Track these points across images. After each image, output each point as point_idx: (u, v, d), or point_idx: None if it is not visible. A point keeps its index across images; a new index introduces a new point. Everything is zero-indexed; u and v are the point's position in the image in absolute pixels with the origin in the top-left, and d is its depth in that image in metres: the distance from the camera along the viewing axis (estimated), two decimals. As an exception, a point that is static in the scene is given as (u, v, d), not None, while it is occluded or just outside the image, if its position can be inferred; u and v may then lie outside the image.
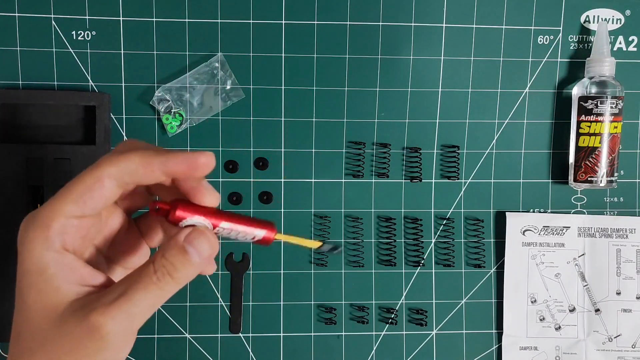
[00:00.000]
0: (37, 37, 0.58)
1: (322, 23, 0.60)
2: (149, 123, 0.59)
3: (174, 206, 0.34)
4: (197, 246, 0.33)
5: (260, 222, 0.36)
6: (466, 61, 0.61)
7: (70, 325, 0.32)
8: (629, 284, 0.63)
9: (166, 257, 0.33)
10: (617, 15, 0.62)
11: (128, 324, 0.32)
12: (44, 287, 0.32)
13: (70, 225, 0.33)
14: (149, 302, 0.33)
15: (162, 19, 0.58)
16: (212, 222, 0.34)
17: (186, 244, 0.33)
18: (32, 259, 0.33)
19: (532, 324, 0.62)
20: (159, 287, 0.33)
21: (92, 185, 0.33)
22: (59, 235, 0.33)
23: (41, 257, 0.32)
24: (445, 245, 0.62)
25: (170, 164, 0.33)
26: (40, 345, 0.32)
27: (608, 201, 0.63)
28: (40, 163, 0.56)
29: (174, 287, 0.33)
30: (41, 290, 0.32)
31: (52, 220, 0.33)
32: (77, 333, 0.32)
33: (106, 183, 0.33)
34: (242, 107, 0.60)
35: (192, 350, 0.60)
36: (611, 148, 0.60)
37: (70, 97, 0.57)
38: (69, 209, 0.33)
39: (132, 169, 0.33)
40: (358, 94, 0.60)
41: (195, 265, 0.33)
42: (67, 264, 0.33)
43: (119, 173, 0.33)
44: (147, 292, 0.33)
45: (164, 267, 0.33)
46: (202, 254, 0.33)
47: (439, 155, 0.62)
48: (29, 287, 0.33)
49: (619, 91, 0.59)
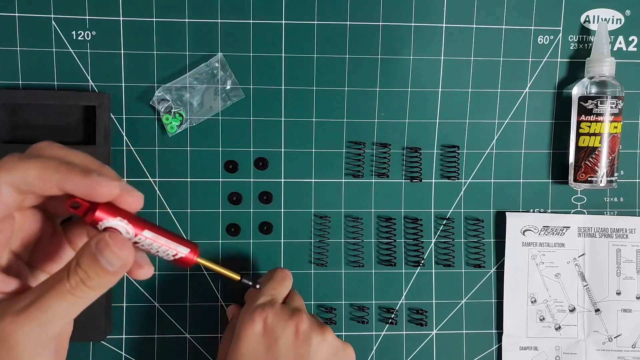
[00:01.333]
0: (37, 37, 0.58)
1: (322, 23, 0.60)
2: (149, 123, 0.59)
3: (93, 206, 0.31)
4: (107, 257, 0.31)
5: (184, 241, 0.34)
6: (466, 61, 0.61)
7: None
8: (629, 284, 0.63)
9: (79, 264, 0.31)
10: (617, 15, 0.62)
11: (39, 333, 0.30)
12: None
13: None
14: (63, 310, 0.31)
15: (162, 19, 0.58)
16: (134, 229, 0.32)
17: (97, 253, 0.31)
18: None
19: (532, 324, 0.62)
20: (73, 295, 0.31)
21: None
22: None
23: None
24: (445, 245, 0.62)
25: (67, 186, 0.31)
26: None
27: (608, 201, 0.63)
28: (40, 163, 0.56)
29: (90, 294, 0.31)
30: None
31: None
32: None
33: (2, 190, 0.31)
34: (242, 107, 0.60)
35: (192, 350, 0.60)
36: (611, 148, 0.60)
37: (70, 97, 0.57)
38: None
39: (28, 180, 0.31)
40: (358, 94, 0.60)
41: (111, 274, 0.31)
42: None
43: (16, 181, 0.31)
44: (61, 300, 0.30)
45: (77, 275, 0.31)
46: (113, 264, 0.31)
47: (439, 155, 0.62)
48: None
49: (619, 91, 0.59)
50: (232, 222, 0.60)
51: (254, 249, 0.61)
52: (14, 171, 0.31)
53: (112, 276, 0.31)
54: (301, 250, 0.61)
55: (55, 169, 0.31)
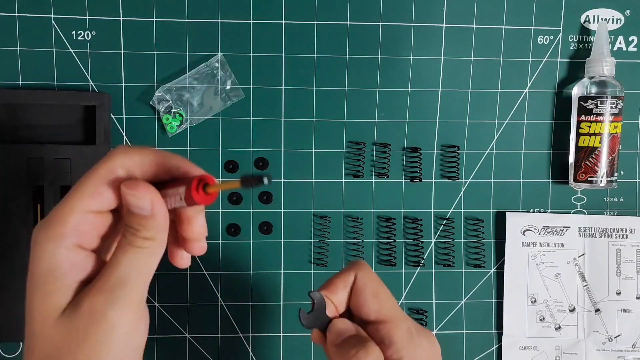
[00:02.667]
0: (37, 37, 0.58)
1: (322, 23, 0.60)
2: (149, 123, 0.59)
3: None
4: (135, 204, 0.32)
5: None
6: (466, 61, 0.61)
7: (72, 321, 0.31)
8: (629, 284, 0.63)
9: (126, 222, 0.33)
10: (617, 15, 0.62)
11: (125, 297, 0.31)
12: (52, 289, 0.31)
13: (87, 222, 0.32)
14: (133, 264, 0.32)
15: (162, 19, 0.58)
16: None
17: (128, 207, 0.32)
18: (43, 259, 0.31)
19: (532, 324, 0.62)
20: (137, 247, 0.32)
21: (106, 176, 0.32)
22: (74, 231, 0.32)
23: (53, 256, 0.31)
24: (445, 245, 0.62)
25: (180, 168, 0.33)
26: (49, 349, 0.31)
27: (608, 201, 0.63)
28: (41, 163, 0.56)
29: (148, 243, 0.32)
30: (49, 292, 0.31)
31: (68, 215, 0.32)
32: (79, 326, 0.31)
33: (120, 174, 0.32)
34: (242, 107, 0.60)
35: (192, 350, 0.60)
36: (611, 148, 0.60)
37: (70, 97, 0.57)
38: (84, 204, 0.32)
39: (145, 163, 0.33)
40: (358, 94, 0.60)
41: (149, 217, 0.32)
42: (78, 263, 0.32)
43: (132, 165, 0.33)
44: (126, 254, 0.32)
45: (128, 231, 0.32)
46: (144, 207, 0.32)
47: (439, 155, 0.62)
48: (37, 288, 0.32)
49: (619, 91, 0.59)
50: (232, 222, 0.60)
51: (254, 249, 0.61)
52: (132, 155, 0.33)
53: (152, 219, 0.32)
54: (301, 250, 0.61)
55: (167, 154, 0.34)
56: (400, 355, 0.38)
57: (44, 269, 0.31)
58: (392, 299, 0.40)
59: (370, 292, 0.40)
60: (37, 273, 0.32)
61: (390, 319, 0.39)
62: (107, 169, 0.33)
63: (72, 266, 0.32)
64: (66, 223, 0.32)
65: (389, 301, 0.40)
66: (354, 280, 0.41)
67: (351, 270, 0.41)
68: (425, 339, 0.39)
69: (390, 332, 0.38)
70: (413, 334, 0.39)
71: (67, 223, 0.32)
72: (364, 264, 0.42)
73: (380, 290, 0.40)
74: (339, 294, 0.41)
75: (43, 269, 0.31)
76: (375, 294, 0.40)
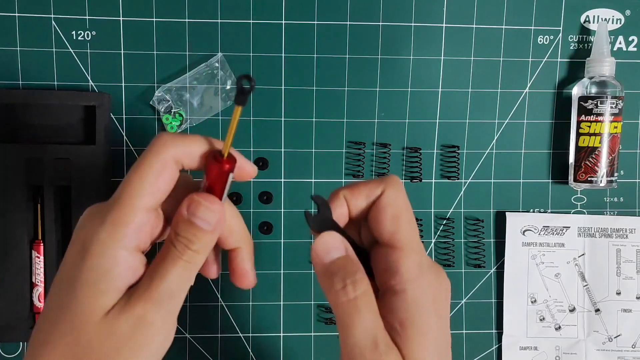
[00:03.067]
0: (37, 37, 0.58)
1: (322, 23, 0.59)
2: (149, 123, 0.59)
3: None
4: (203, 215, 0.32)
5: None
6: (466, 61, 0.61)
7: (117, 323, 0.31)
8: (629, 284, 0.63)
9: (178, 232, 0.32)
10: (617, 15, 0.62)
11: (169, 306, 0.32)
12: (105, 289, 0.31)
13: (147, 222, 0.32)
14: (180, 277, 0.32)
15: (162, 19, 0.58)
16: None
17: (191, 217, 0.32)
18: (103, 257, 0.31)
19: (532, 324, 0.62)
20: (185, 261, 0.32)
21: (161, 170, 0.32)
22: (136, 232, 0.31)
23: (114, 257, 0.31)
24: (445, 245, 0.62)
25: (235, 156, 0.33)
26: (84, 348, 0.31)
27: (608, 201, 0.63)
28: (40, 163, 0.56)
29: (197, 257, 0.33)
30: (101, 292, 0.31)
31: (132, 216, 0.31)
32: (124, 329, 0.31)
33: (172, 165, 0.32)
34: (242, 107, 0.60)
35: (192, 350, 0.60)
36: (611, 148, 0.59)
37: (70, 97, 0.57)
38: (146, 201, 0.31)
39: (194, 154, 0.32)
40: (358, 94, 0.60)
41: (209, 232, 0.33)
42: (135, 266, 0.32)
43: (182, 156, 0.32)
44: (177, 267, 0.32)
45: (180, 243, 0.32)
46: (210, 222, 0.33)
47: (439, 155, 0.62)
48: (89, 286, 0.31)
49: (619, 91, 0.59)
50: (232, 222, 0.60)
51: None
52: (182, 144, 0.32)
53: (211, 234, 0.33)
54: (301, 251, 0.61)
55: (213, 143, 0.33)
56: (403, 287, 0.34)
57: (102, 268, 0.31)
58: (412, 227, 0.36)
59: (392, 212, 0.36)
60: (91, 269, 0.31)
61: (403, 247, 0.35)
62: (160, 161, 0.32)
63: (128, 269, 0.32)
64: (130, 223, 0.31)
65: (408, 228, 0.36)
66: (381, 194, 0.36)
67: (381, 184, 0.36)
68: (435, 275, 0.35)
69: (398, 260, 0.35)
70: (423, 268, 0.35)
71: (131, 223, 0.31)
72: (397, 182, 0.37)
73: (403, 214, 0.36)
74: (359, 200, 0.36)
75: (101, 267, 0.31)
76: (396, 217, 0.36)
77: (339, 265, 0.34)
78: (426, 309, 0.34)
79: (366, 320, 0.33)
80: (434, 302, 0.34)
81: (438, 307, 0.34)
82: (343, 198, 0.36)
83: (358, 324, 0.33)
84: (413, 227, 0.36)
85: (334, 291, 0.33)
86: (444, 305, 0.35)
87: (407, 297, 0.34)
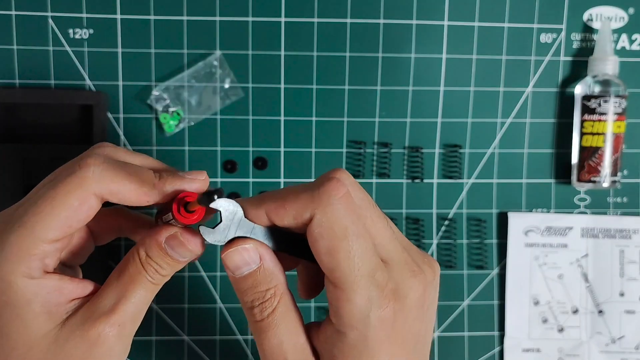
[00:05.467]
0: (33, 35, 0.57)
1: (322, 21, 0.59)
2: (147, 122, 0.59)
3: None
4: (181, 253, 0.32)
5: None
6: (468, 59, 0.60)
7: (71, 345, 0.30)
8: (632, 285, 0.62)
9: (150, 256, 0.32)
10: (620, 14, 0.62)
11: (131, 326, 0.32)
12: (33, 317, 0.30)
13: (52, 249, 0.30)
14: (146, 298, 0.32)
15: (160, 16, 0.58)
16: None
17: (168, 250, 0.32)
18: (14, 291, 0.29)
19: (534, 326, 0.62)
20: (153, 284, 0.32)
21: (78, 208, 0.30)
22: (41, 261, 0.30)
23: (25, 288, 0.29)
24: (447, 246, 0.62)
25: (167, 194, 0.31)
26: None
27: (611, 201, 0.63)
28: (37, 162, 0.55)
29: (164, 280, 0.33)
30: (29, 321, 0.30)
31: (34, 248, 0.29)
32: (80, 350, 0.30)
33: (93, 203, 0.30)
34: (240, 106, 0.59)
35: (191, 352, 0.60)
36: (614, 148, 0.59)
37: (67, 96, 0.56)
38: (51, 234, 0.30)
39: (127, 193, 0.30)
40: (358, 93, 0.60)
41: (182, 263, 0.32)
42: (52, 287, 0.31)
43: (108, 195, 0.30)
44: (144, 289, 0.32)
45: (150, 267, 0.32)
46: (184, 257, 0.32)
47: (441, 154, 0.61)
48: (13, 319, 0.30)
49: (622, 90, 0.59)
50: (231, 222, 0.60)
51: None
52: (107, 182, 0.30)
53: (182, 264, 0.33)
54: (301, 251, 0.60)
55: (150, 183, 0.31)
56: (343, 330, 0.30)
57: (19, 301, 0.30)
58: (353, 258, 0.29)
59: (325, 246, 0.29)
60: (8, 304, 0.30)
61: (343, 288, 0.29)
62: (79, 198, 0.29)
63: (47, 293, 0.30)
64: (31, 256, 0.29)
65: (347, 263, 0.29)
66: (311, 218, 0.29)
67: (309, 205, 0.29)
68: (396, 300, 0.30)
69: (338, 301, 0.30)
70: (373, 304, 0.29)
71: (33, 256, 0.29)
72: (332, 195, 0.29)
73: (340, 246, 0.29)
74: (285, 220, 0.30)
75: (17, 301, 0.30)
76: (331, 251, 0.29)
77: (249, 283, 0.31)
78: (369, 353, 0.30)
79: (272, 341, 0.31)
80: (387, 339, 0.30)
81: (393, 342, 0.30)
82: (264, 214, 0.31)
83: (266, 344, 0.31)
84: (356, 255, 0.29)
85: (245, 309, 0.32)
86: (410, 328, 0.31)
87: (348, 340, 0.30)
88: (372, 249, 0.30)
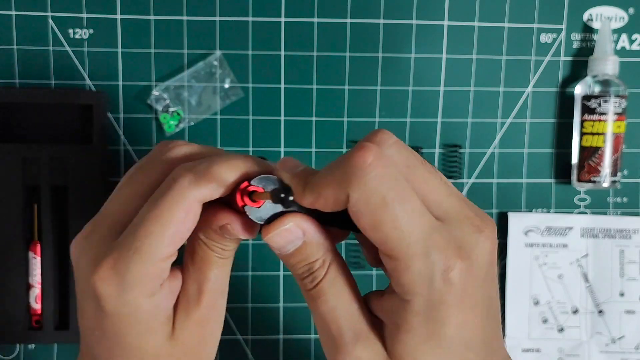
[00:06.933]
0: (33, 35, 0.57)
1: (322, 21, 0.59)
2: (147, 122, 0.59)
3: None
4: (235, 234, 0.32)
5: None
6: (468, 59, 0.60)
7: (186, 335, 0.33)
8: (632, 285, 0.62)
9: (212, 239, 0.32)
10: (620, 14, 0.62)
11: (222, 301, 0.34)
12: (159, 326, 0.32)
13: (168, 263, 0.31)
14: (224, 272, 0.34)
15: (160, 16, 0.58)
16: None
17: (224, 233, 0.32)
18: (142, 311, 0.30)
19: (534, 326, 0.62)
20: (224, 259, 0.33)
21: (185, 219, 0.29)
22: (160, 278, 0.31)
23: (150, 305, 0.31)
24: (447, 246, 0.61)
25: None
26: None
27: (611, 201, 0.63)
28: (37, 162, 0.55)
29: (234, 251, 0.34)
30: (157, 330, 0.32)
31: (153, 269, 0.30)
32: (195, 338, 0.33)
33: (197, 210, 0.30)
34: (240, 106, 0.59)
35: (191, 352, 0.59)
36: (614, 148, 0.59)
37: (67, 96, 0.56)
38: (165, 251, 0.30)
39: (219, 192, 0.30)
40: (358, 93, 0.60)
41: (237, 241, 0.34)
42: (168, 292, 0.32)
43: (208, 196, 0.30)
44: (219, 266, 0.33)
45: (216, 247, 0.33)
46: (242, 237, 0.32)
47: (441, 154, 0.61)
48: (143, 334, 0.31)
49: (622, 90, 0.59)
50: (231, 222, 0.60)
51: (253, 250, 0.60)
52: (205, 185, 0.29)
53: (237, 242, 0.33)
54: (301, 251, 0.60)
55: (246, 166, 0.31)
56: (407, 298, 0.28)
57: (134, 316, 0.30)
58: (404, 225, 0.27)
59: (368, 221, 0.27)
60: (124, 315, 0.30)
61: (398, 257, 0.27)
62: (182, 209, 0.29)
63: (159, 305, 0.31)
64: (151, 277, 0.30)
65: (397, 232, 0.27)
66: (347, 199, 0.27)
67: (342, 185, 0.27)
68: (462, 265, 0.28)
69: (397, 272, 0.28)
70: (435, 267, 0.27)
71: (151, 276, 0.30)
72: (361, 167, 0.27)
73: (384, 217, 0.27)
74: (327, 209, 0.29)
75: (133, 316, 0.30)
76: (375, 226, 0.27)
77: (297, 258, 0.30)
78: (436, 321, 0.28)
79: (323, 307, 0.30)
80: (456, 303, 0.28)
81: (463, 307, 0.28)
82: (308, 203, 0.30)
83: (318, 312, 0.31)
84: (403, 221, 0.27)
85: (297, 280, 0.32)
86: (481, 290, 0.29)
87: (412, 308, 0.28)
88: (420, 209, 0.27)
